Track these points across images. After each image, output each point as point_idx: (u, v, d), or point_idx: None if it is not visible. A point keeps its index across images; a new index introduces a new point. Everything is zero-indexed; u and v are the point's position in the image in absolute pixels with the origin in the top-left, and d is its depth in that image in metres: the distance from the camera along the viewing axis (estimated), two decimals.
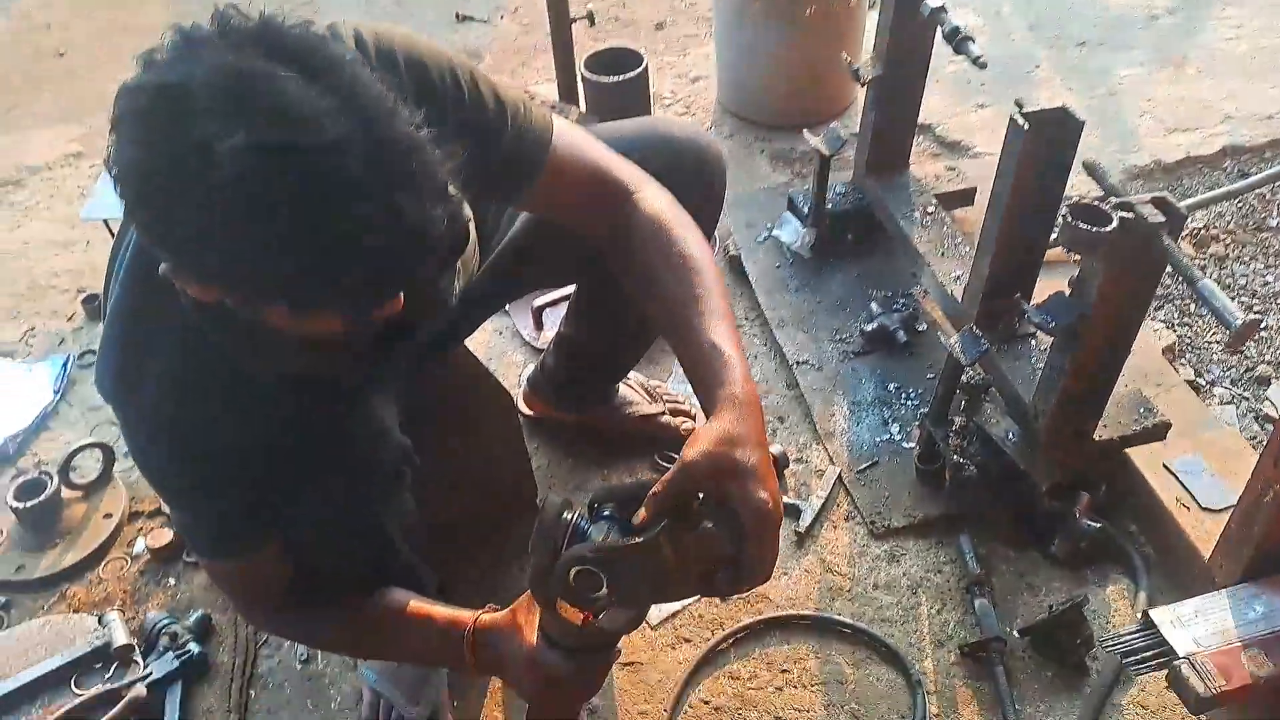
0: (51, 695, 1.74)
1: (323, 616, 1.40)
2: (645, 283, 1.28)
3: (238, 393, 1.16)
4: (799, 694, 1.69)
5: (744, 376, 1.16)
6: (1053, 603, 1.74)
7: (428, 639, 1.35)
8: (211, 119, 0.86)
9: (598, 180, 1.34)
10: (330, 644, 1.57)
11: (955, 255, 2.18)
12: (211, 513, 1.27)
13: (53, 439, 2.22)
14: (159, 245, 0.95)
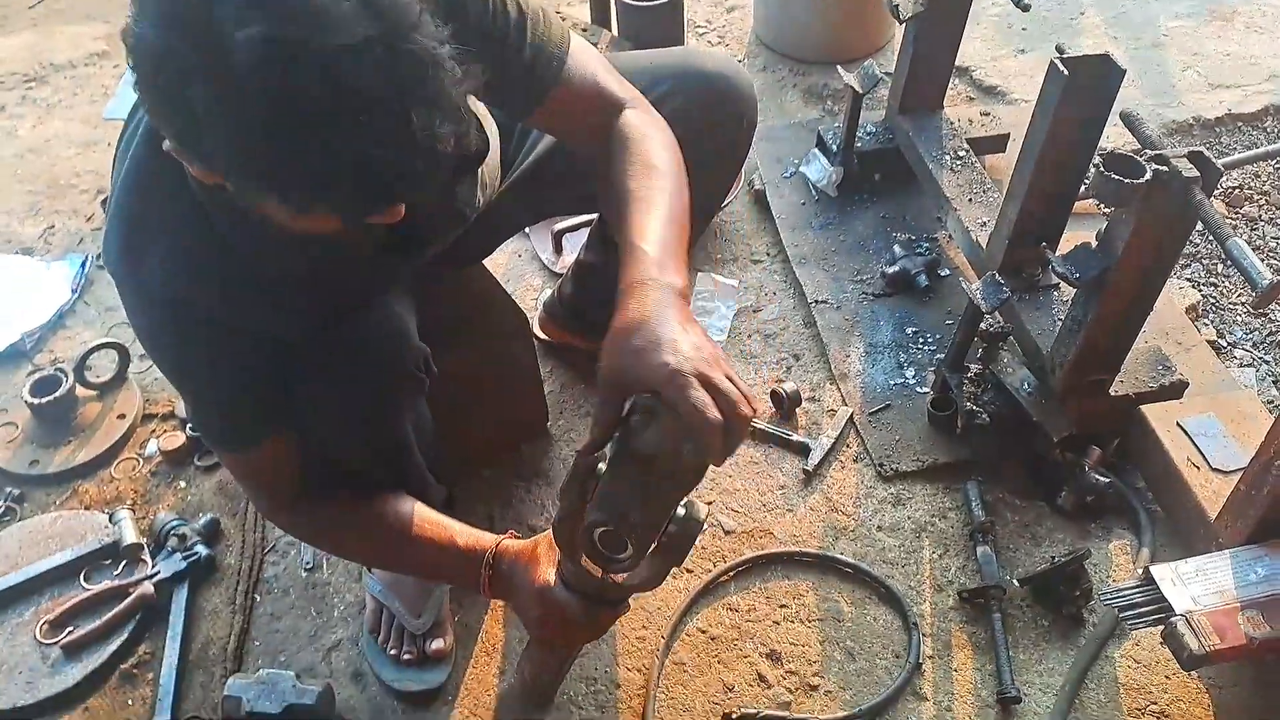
0: (60, 588, 1.78)
1: (341, 520, 1.40)
2: (605, 185, 1.29)
3: (246, 278, 1.16)
4: (796, 628, 1.71)
5: (655, 264, 1.13)
6: (1055, 554, 1.75)
7: (446, 555, 1.36)
8: (231, 5, 0.85)
9: (599, 99, 1.33)
10: (345, 548, 1.55)
11: (983, 201, 2.14)
12: (219, 398, 1.27)
13: (69, 338, 2.23)
14: (163, 123, 0.95)
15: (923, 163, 2.24)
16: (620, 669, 1.67)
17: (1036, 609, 1.71)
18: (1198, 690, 1.61)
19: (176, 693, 1.64)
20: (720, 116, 1.52)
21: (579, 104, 1.33)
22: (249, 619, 1.75)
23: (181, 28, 0.87)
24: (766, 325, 2.18)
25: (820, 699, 1.62)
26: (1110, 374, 1.84)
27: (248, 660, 1.70)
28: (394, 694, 1.64)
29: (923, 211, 2.35)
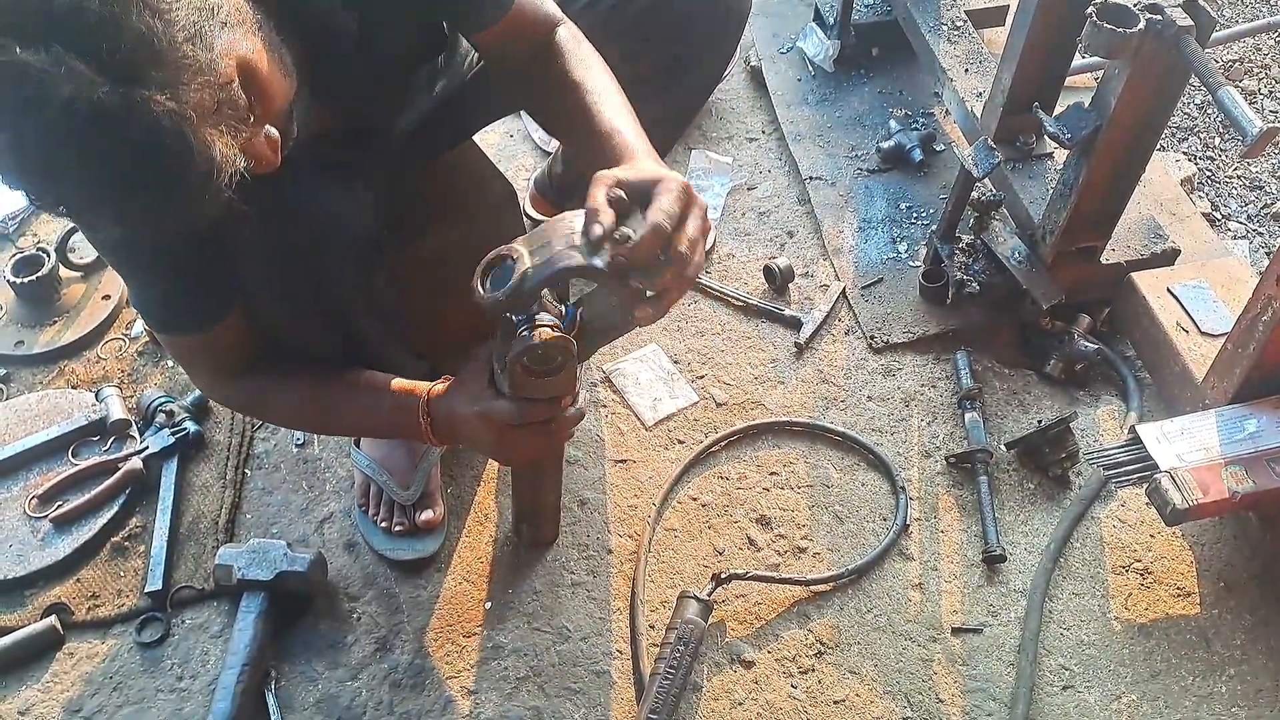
0: (48, 464, 1.78)
1: (277, 388, 1.39)
2: (549, 85, 1.32)
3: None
4: (785, 494, 1.72)
5: (644, 152, 1.20)
6: (1043, 420, 1.75)
7: (380, 411, 1.35)
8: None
9: (541, 20, 1.35)
10: (281, 415, 1.53)
11: (980, 72, 2.09)
12: (160, 285, 1.25)
13: (52, 221, 2.20)
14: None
15: (920, 34, 2.19)
16: (613, 536, 1.68)
17: (1023, 472, 1.72)
18: (1180, 547, 1.63)
19: (168, 563, 1.65)
20: (708, 10, 1.49)
21: (525, 26, 1.33)
22: (240, 493, 1.76)
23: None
24: (761, 203, 2.15)
25: (809, 560, 1.64)
26: (1101, 240, 1.82)
27: (239, 533, 1.71)
28: (387, 562, 1.66)
29: (919, 87, 2.30)
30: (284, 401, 1.41)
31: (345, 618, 1.61)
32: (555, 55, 1.34)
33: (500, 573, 1.66)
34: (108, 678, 1.55)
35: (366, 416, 1.40)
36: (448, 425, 1.31)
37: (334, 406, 1.39)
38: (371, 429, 1.53)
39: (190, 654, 1.57)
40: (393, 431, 1.50)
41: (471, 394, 1.26)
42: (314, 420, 1.50)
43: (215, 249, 1.20)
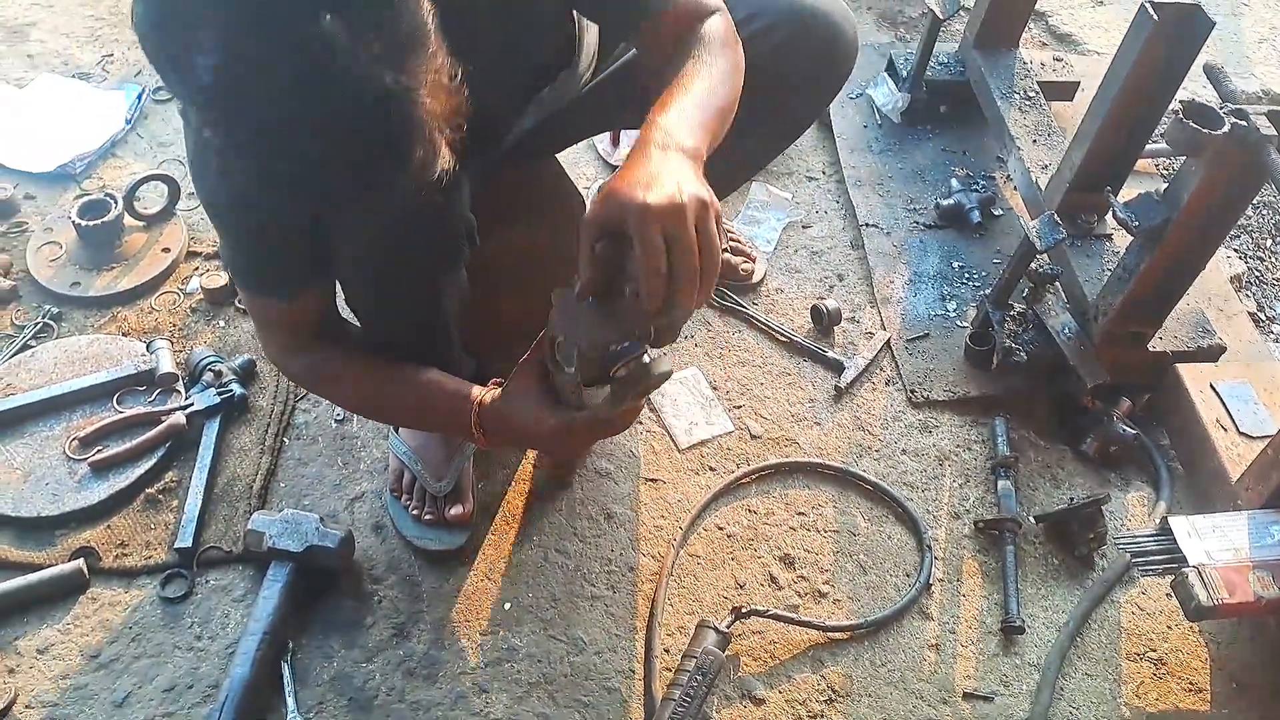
0: (93, 408, 1.80)
1: (339, 369, 1.39)
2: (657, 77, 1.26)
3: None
4: (811, 537, 1.73)
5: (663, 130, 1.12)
6: (1074, 497, 1.77)
7: (435, 404, 1.35)
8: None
9: (694, 13, 1.31)
10: (341, 396, 1.53)
11: (1047, 144, 2.12)
12: (257, 243, 1.26)
13: (120, 167, 2.22)
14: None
15: (992, 99, 2.22)
16: (637, 554, 1.70)
17: (1049, 547, 1.74)
18: (1196, 643, 1.64)
19: (199, 521, 1.67)
20: (817, 55, 1.48)
21: (680, 18, 1.30)
22: (276, 461, 1.78)
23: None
24: (814, 242, 2.17)
25: (828, 606, 1.66)
26: (1152, 328, 1.84)
27: (272, 500, 1.73)
28: (413, 550, 1.67)
29: (984, 149, 2.32)
30: (344, 384, 1.43)
31: (367, 599, 1.63)
32: (687, 47, 1.28)
33: (522, 576, 1.67)
34: (128, 627, 1.57)
35: (420, 411, 1.42)
36: (498, 427, 1.30)
37: (391, 397, 1.41)
38: (422, 424, 1.55)
39: (211, 614, 1.59)
40: (443, 429, 1.52)
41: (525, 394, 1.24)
42: (368, 406, 1.51)
43: (319, 221, 1.23)
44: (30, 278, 1.98)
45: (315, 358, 1.39)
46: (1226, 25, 2.79)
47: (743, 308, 2.02)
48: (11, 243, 2.06)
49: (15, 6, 2.60)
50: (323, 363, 1.39)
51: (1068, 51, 2.64)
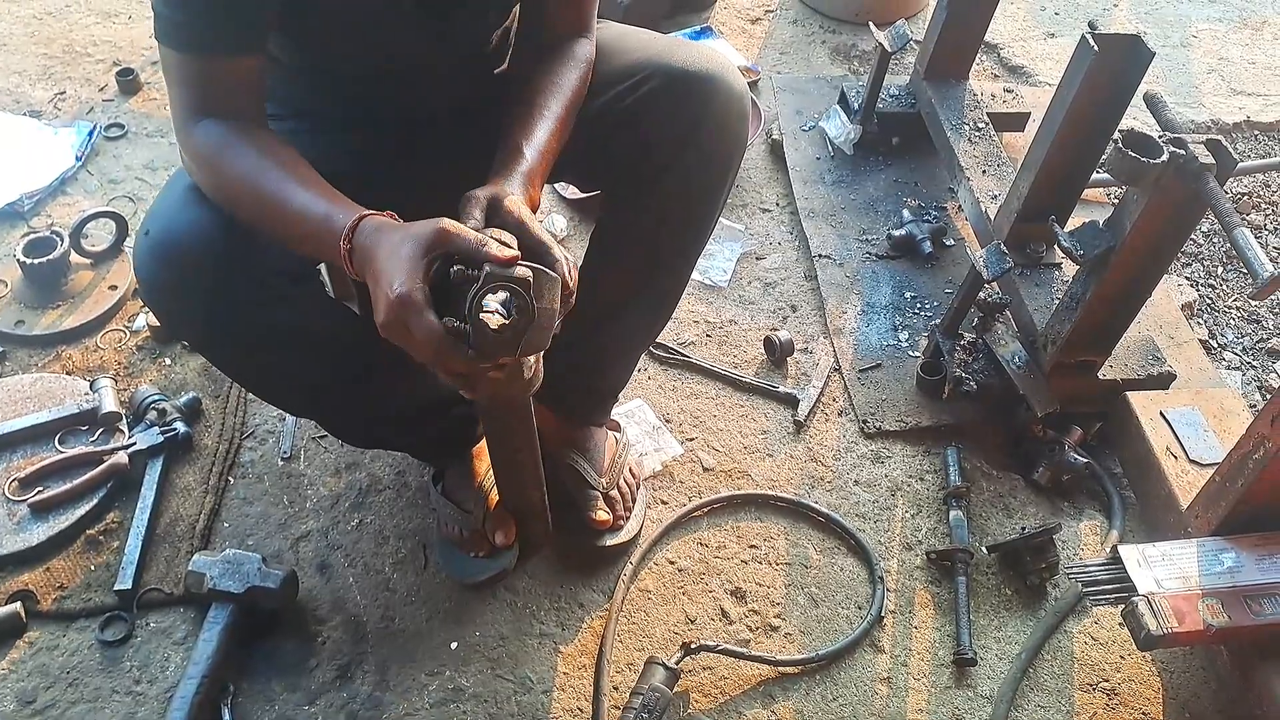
0: (34, 448, 1.77)
1: (239, 147, 1.21)
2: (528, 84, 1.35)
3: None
4: (762, 569, 1.72)
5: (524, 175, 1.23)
6: (1026, 526, 1.77)
7: (324, 193, 1.18)
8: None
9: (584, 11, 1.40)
10: (227, 179, 1.23)
11: (997, 175, 2.14)
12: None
13: (69, 204, 2.20)
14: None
15: (942, 130, 2.24)
16: (585, 590, 1.68)
17: (1001, 577, 1.73)
18: (1149, 673, 1.64)
19: (140, 563, 1.63)
20: (701, 118, 1.39)
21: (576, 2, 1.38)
22: (220, 500, 1.75)
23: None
24: (768, 274, 2.18)
25: (779, 640, 1.64)
26: (1101, 356, 1.85)
27: (215, 541, 1.70)
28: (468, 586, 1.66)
29: (935, 180, 2.34)
30: (238, 164, 1.20)
31: (310, 640, 1.60)
32: (561, 52, 1.38)
33: (469, 614, 1.65)
34: (65, 672, 1.53)
35: (301, 207, 1.18)
36: (365, 257, 1.12)
37: (280, 182, 1.19)
38: (300, 232, 1.19)
39: (151, 658, 1.56)
40: (313, 234, 1.18)
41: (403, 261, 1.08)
42: (251, 195, 1.21)
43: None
44: None
45: (226, 129, 1.21)
46: (1175, 56, 2.84)
47: (686, 356, 2.01)
48: None
49: None
50: (221, 135, 1.21)
51: (1019, 83, 2.68)
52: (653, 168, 1.41)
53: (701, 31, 2.68)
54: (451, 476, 1.69)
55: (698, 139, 1.39)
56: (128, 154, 2.33)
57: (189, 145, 1.22)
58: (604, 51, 1.43)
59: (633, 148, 1.40)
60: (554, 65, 1.37)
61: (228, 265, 1.22)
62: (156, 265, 1.23)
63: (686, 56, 1.39)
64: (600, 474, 1.72)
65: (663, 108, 1.38)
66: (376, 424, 1.58)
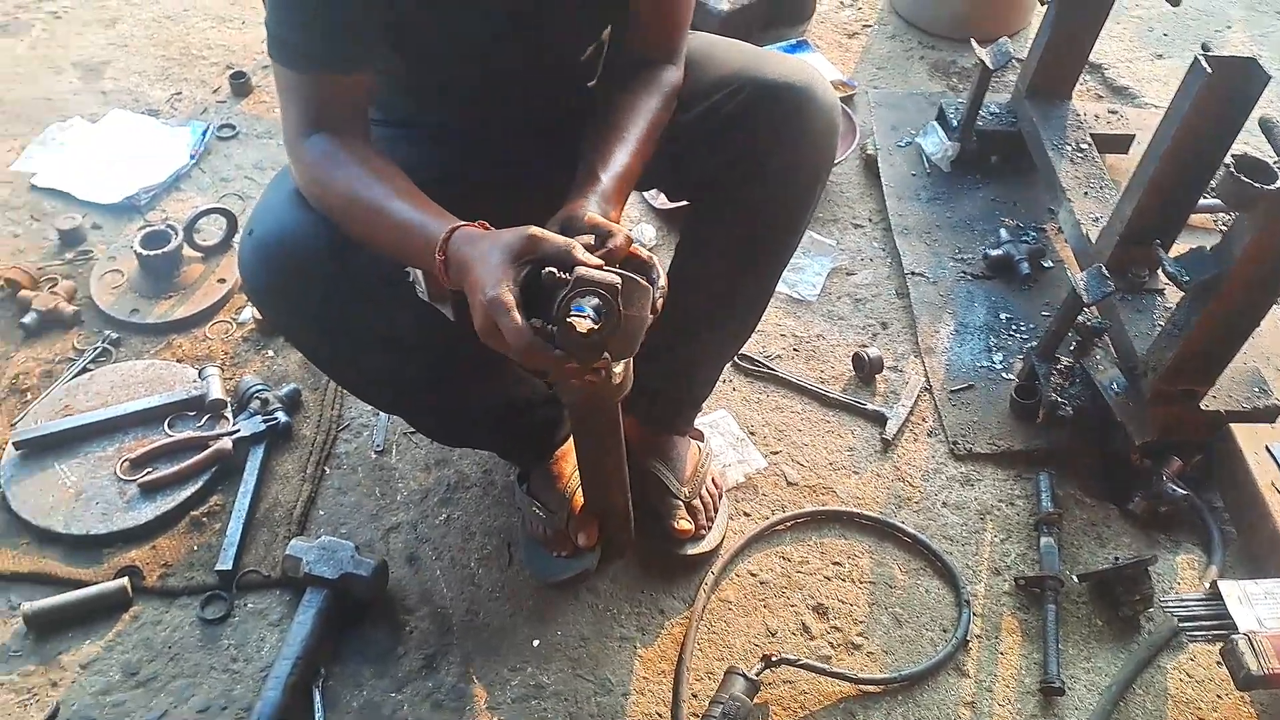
0: (144, 430, 1.84)
1: (345, 161, 1.25)
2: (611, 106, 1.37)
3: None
4: (846, 587, 1.71)
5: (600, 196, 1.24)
6: (1119, 557, 1.73)
7: (422, 206, 1.22)
8: None
9: (674, 35, 1.41)
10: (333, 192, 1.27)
11: (1099, 197, 2.10)
12: (332, 13, 1.21)
13: (182, 200, 2.30)
14: None
15: (1043, 150, 2.20)
16: (666, 596, 1.69)
17: (1092, 607, 1.69)
18: (1247, 714, 1.58)
19: (240, 544, 1.70)
20: (782, 128, 1.39)
21: (664, 29, 1.40)
22: (317, 489, 1.81)
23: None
24: (858, 289, 2.17)
25: (861, 658, 1.63)
26: (1204, 386, 1.80)
27: (310, 527, 1.75)
28: (550, 585, 1.68)
29: (1034, 200, 2.31)
30: (341, 175, 1.25)
31: (398, 629, 1.64)
32: (645, 77, 1.39)
33: (551, 612, 1.67)
34: (167, 646, 1.60)
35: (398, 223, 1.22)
36: (459, 266, 1.15)
37: (378, 200, 1.23)
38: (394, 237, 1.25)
39: (247, 637, 1.61)
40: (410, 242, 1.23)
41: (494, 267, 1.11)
42: (352, 205, 1.25)
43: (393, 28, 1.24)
44: (92, 304, 2.05)
45: (333, 143, 1.26)
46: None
47: (772, 369, 2.01)
48: (77, 270, 2.14)
49: (93, 46, 2.72)
50: (331, 145, 1.26)
51: (1124, 104, 2.62)
52: (740, 178, 1.42)
53: (798, 45, 2.68)
54: (537, 477, 1.72)
55: (785, 150, 1.40)
56: (238, 153, 2.42)
57: (298, 157, 1.28)
58: (694, 63, 1.45)
59: (721, 158, 1.41)
60: (637, 89, 1.39)
61: (326, 267, 1.26)
62: (259, 265, 1.28)
63: (776, 68, 1.40)
64: (683, 483, 1.73)
65: (751, 118, 1.39)
66: (463, 423, 1.62)
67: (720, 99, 1.41)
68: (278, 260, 1.27)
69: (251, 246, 1.28)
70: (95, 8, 2.84)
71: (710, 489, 1.76)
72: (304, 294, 1.29)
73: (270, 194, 1.32)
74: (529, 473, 1.74)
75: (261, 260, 1.28)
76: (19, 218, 2.25)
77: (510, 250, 1.11)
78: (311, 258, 1.26)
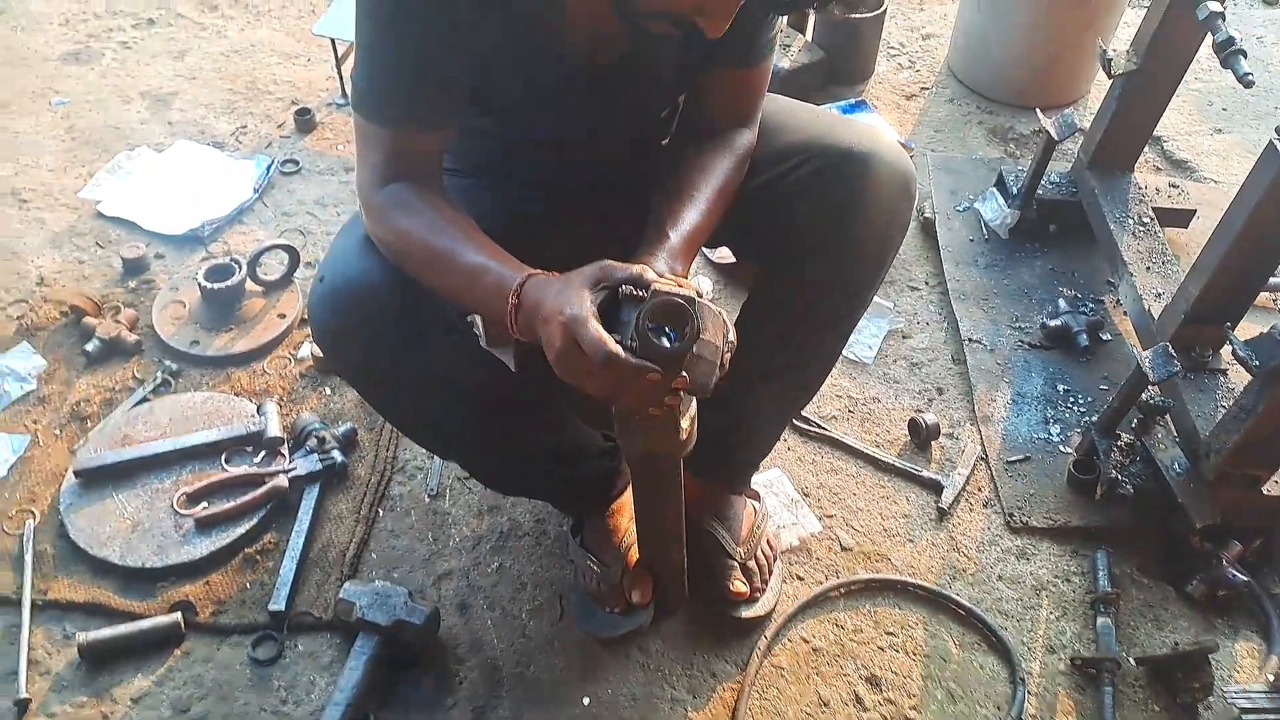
0: (201, 464, 1.85)
1: (418, 209, 1.26)
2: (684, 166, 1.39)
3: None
4: (899, 658, 1.69)
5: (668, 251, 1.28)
6: (1178, 640, 1.70)
7: (493, 255, 1.22)
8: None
9: (749, 104, 1.43)
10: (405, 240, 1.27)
11: (1161, 272, 2.09)
12: (406, 69, 1.23)
13: (244, 233, 2.33)
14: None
15: (1104, 222, 2.20)
16: (717, 659, 1.68)
17: (1150, 692, 1.66)
18: None
19: (293, 585, 1.70)
20: (861, 198, 1.39)
21: (742, 95, 1.42)
22: (370, 531, 1.81)
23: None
24: (914, 353, 2.16)
25: None
26: (1269, 471, 1.78)
27: (363, 570, 1.75)
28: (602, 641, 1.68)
29: (1092, 271, 2.30)
30: (413, 223, 1.26)
31: (448, 679, 1.63)
32: (719, 139, 1.41)
33: (602, 669, 1.66)
34: (217, 685, 1.59)
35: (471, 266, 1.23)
36: (533, 309, 1.16)
37: (451, 244, 1.24)
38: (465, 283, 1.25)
39: (298, 680, 1.61)
40: (483, 292, 1.23)
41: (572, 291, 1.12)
42: (424, 252, 1.26)
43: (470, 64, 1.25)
44: (153, 333, 2.07)
45: (407, 191, 1.27)
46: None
47: (827, 431, 2.00)
48: (139, 298, 2.16)
49: (161, 77, 2.77)
50: (410, 196, 1.27)
51: (1183, 178, 2.62)
52: (812, 245, 1.42)
53: (856, 105, 2.70)
54: (590, 530, 1.71)
55: (858, 218, 1.41)
56: (300, 189, 2.45)
57: (371, 205, 1.29)
58: (767, 128, 1.47)
59: (793, 224, 1.41)
60: (710, 151, 1.41)
61: (393, 313, 1.27)
62: (327, 312, 1.29)
63: (850, 135, 1.41)
64: (738, 543, 1.72)
65: (823, 186, 1.39)
66: (520, 472, 1.62)
67: (793, 164, 1.42)
68: (346, 308, 1.28)
69: (322, 294, 1.30)
70: (164, 39, 2.90)
71: (766, 550, 1.75)
72: (370, 340, 1.30)
73: (341, 240, 1.34)
74: (582, 524, 1.74)
75: (330, 306, 1.29)
76: (84, 244, 2.28)
77: (587, 276, 1.13)
78: (378, 304, 1.27)
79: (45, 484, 1.83)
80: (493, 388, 1.43)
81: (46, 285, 2.18)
